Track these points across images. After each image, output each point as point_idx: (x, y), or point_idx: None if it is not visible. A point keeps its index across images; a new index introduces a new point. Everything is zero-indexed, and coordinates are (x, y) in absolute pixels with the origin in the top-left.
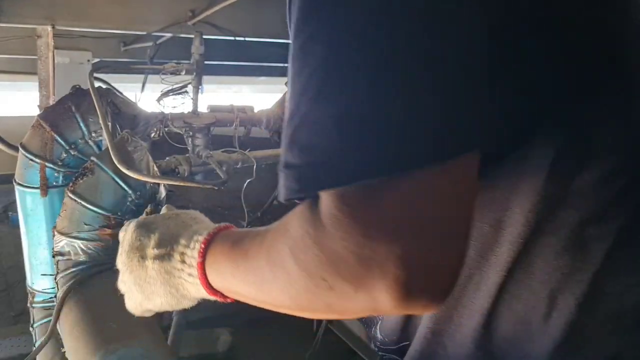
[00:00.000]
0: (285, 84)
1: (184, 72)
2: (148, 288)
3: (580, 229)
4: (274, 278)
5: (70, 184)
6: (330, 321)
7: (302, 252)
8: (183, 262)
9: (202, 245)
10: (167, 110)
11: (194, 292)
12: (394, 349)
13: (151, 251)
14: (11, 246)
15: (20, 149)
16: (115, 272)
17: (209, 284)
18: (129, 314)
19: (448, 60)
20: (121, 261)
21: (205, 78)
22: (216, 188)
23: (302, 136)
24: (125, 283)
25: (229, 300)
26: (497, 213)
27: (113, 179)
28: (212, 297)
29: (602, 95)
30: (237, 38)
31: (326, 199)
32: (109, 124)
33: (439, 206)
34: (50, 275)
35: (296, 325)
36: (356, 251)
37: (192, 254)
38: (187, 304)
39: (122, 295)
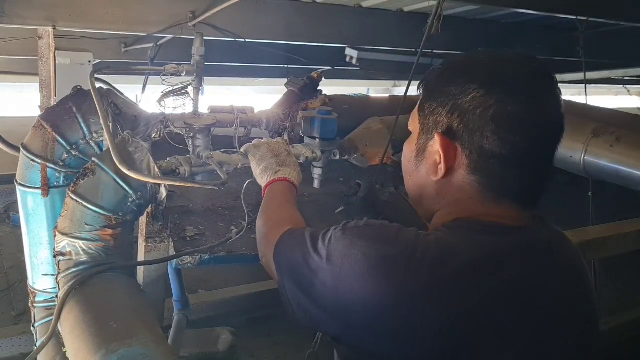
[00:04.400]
0: (285, 84)
1: (184, 73)
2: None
3: None
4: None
5: (72, 185)
6: None
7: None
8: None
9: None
10: (167, 111)
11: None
12: None
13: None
14: (12, 246)
15: (21, 149)
16: (116, 273)
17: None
18: (129, 314)
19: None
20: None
21: (205, 79)
22: (217, 188)
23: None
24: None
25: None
26: None
27: (114, 179)
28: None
29: None
30: (238, 39)
31: None
32: (110, 124)
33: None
34: (52, 275)
35: (296, 324)
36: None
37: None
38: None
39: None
